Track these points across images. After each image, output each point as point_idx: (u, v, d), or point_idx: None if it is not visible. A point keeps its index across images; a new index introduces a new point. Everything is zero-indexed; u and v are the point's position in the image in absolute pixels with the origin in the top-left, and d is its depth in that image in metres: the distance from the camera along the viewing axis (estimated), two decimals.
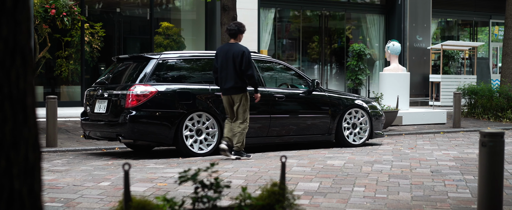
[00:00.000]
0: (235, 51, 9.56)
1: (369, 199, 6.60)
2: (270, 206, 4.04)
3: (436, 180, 7.79)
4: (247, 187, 7.20)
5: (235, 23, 9.85)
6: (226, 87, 9.59)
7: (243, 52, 9.52)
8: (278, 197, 4.07)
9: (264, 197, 4.09)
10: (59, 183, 7.38)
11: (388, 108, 14.77)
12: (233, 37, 9.79)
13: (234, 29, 9.77)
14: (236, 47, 9.63)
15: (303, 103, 11.13)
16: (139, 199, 3.75)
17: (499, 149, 5.02)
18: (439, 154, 10.43)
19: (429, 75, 22.23)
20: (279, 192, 4.10)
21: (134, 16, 20.66)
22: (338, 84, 23.13)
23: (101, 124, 10.06)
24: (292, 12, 22.82)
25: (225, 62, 9.57)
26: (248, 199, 4.03)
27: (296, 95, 11.09)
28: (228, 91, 9.60)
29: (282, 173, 4.21)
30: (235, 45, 9.67)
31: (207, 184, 4.05)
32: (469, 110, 18.28)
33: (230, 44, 9.76)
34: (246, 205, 3.98)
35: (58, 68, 18.58)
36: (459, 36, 26.90)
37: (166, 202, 3.88)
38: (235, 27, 9.78)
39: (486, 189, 5.04)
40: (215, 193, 4.06)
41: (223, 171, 8.37)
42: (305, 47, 23.29)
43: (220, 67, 9.63)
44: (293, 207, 4.10)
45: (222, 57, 9.63)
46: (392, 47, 16.46)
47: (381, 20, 23.58)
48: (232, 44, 9.73)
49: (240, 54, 9.50)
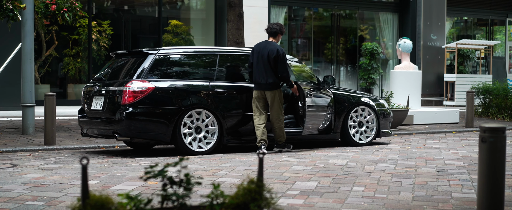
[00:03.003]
0: (271, 49, 9.91)
1: (367, 199, 6.26)
2: (245, 205, 3.72)
3: (441, 179, 7.44)
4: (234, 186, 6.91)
5: (277, 24, 10.28)
6: (260, 82, 9.91)
7: (278, 51, 9.88)
8: (254, 195, 3.74)
9: (239, 195, 3.77)
10: (45, 181, 7.10)
11: (398, 106, 14.38)
12: (272, 36, 10.22)
13: (275, 28, 10.22)
14: (272, 46, 9.98)
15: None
16: (99, 196, 3.44)
17: (501, 145, 4.67)
18: (447, 153, 10.06)
19: (444, 74, 21.80)
20: (255, 190, 3.77)
21: (143, 14, 20.41)
22: (351, 83, 22.75)
23: (98, 121, 9.77)
24: (303, 10, 22.48)
25: (260, 58, 9.93)
26: (220, 197, 3.71)
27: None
28: (261, 86, 9.92)
29: (260, 169, 3.89)
30: (271, 44, 10.02)
31: (176, 180, 3.74)
32: (483, 110, 17.84)
33: (268, 42, 10.11)
34: (218, 204, 3.66)
35: (65, 66, 18.37)
36: (475, 35, 26.41)
37: (129, 200, 3.58)
38: (277, 27, 10.22)
39: (486, 188, 4.69)
40: (186, 191, 3.75)
41: (219, 169, 8.07)
42: (317, 46, 22.94)
43: (255, 62, 9.96)
44: (270, 206, 3.77)
45: (257, 53, 9.97)
46: (404, 44, 16.07)
47: (394, 18, 23.17)
48: (269, 42, 10.09)
49: (274, 54, 9.87)
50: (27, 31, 12.08)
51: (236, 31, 13.82)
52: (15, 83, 14.25)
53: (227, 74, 10.27)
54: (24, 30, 12.08)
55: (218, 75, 10.11)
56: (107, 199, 3.45)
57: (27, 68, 12.12)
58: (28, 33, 12.09)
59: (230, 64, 10.43)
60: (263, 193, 3.78)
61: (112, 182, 7.06)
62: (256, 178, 3.86)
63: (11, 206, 5.81)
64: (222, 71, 10.20)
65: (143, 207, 3.59)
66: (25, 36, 12.10)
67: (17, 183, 6.96)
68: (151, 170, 3.69)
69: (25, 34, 12.10)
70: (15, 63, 13.93)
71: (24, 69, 12.15)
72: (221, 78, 10.13)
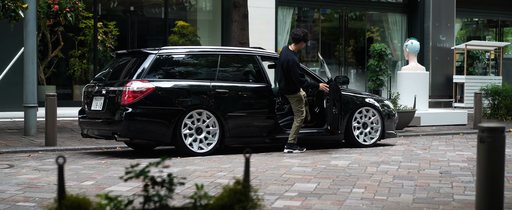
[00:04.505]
0: (284, 57, 10.16)
1: (366, 201, 6.12)
2: (229, 207, 3.58)
3: (443, 181, 7.28)
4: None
5: (303, 31, 10.29)
6: (280, 86, 10.28)
7: (288, 62, 10.04)
8: (239, 197, 3.61)
9: (224, 197, 3.64)
10: (40, 182, 6.99)
11: (405, 108, 14.20)
12: (295, 42, 10.30)
13: (299, 35, 10.25)
14: (287, 53, 10.19)
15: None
16: (75, 197, 3.32)
17: (499, 146, 4.51)
18: (452, 155, 9.89)
19: (453, 76, 21.58)
20: (241, 191, 3.64)
21: (149, 15, 20.31)
22: (359, 85, 22.57)
23: (98, 121, 9.65)
24: (312, 12, 22.33)
25: (279, 65, 10.23)
26: (204, 198, 3.58)
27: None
28: (281, 90, 10.28)
29: (246, 169, 3.76)
30: (288, 51, 10.22)
31: (158, 181, 3.61)
32: (492, 111, 17.63)
33: (286, 48, 10.30)
34: (202, 206, 3.53)
35: (71, 67, 18.30)
36: (485, 36, 26.16)
37: (109, 201, 3.45)
38: (301, 34, 10.24)
39: (485, 190, 4.53)
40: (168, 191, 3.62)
41: (218, 170, 7.94)
42: (325, 47, 22.77)
43: (278, 67, 10.34)
44: (257, 207, 3.64)
45: (279, 59, 10.32)
46: (411, 45, 15.89)
47: (403, 19, 22.97)
48: (288, 49, 10.26)
49: (286, 64, 10.07)
50: (30, 32, 11.99)
51: (241, 32, 13.70)
52: (20, 84, 14.18)
53: (229, 75, 10.13)
54: (27, 30, 12.00)
55: (220, 76, 9.96)
56: (84, 200, 3.33)
57: (29, 69, 12.04)
58: (31, 34, 12.01)
59: (232, 65, 10.29)
60: (249, 194, 3.65)
61: (107, 183, 6.94)
62: (242, 179, 3.73)
63: (1, 207, 5.70)
64: (223, 72, 10.06)
65: (123, 208, 3.46)
66: (28, 36, 12.01)
67: (10, 184, 6.85)
68: (132, 170, 3.56)
69: (27, 34, 12.02)
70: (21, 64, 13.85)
71: (26, 70, 12.06)
72: (223, 78, 9.99)
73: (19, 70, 13.99)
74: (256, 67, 10.34)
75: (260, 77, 10.29)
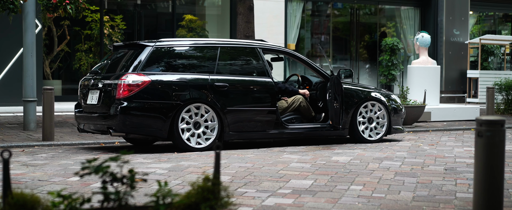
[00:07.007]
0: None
1: (363, 199, 5.79)
2: (195, 205, 3.28)
3: (447, 178, 6.93)
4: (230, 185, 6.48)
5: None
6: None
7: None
8: (206, 195, 3.30)
9: (192, 195, 3.34)
10: (24, 177, 6.73)
11: (415, 102, 13.82)
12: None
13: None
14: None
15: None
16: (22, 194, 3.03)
17: (499, 140, 4.18)
18: (460, 150, 9.53)
19: (467, 71, 21.17)
20: (209, 189, 3.33)
21: (156, 8, 20.03)
22: (370, 80, 22.20)
23: (94, 116, 9.37)
24: (323, 6, 21.97)
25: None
26: (168, 196, 3.27)
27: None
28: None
29: (216, 166, 3.45)
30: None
31: (118, 177, 3.31)
32: (506, 106, 17.19)
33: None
34: (164, 204, 3.23)
35: (77, 61, 18.08)
36: (501, 31, 25.67)
37: (62, 199, 3.16)
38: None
39: (483, 187, 4.20)
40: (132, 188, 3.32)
41: (212, 166, 7.62)
42: (336, 42, 22.42)
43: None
44: (226, 206, 3.33)
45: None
46: (421, 39, 15.49)
47: (416, 13, 22.56)
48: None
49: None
50: (29, 24, 11.75)
51: (246, 25, 13.39)
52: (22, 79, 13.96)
53: (229, 68, 9.81)
54: (26, 23, 11.76)
55: (219, 69, 9.64)
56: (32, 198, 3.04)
57: (28, 62, 11.80)
58: (30, 26, 11.77)
59: (232, 57, 9.95)
60: (218, 192, 3.34)
61: (94, 179, 6.65)
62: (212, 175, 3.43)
63: None
64: (223, 65, 9.73)
65: (78, 207, 3.17)
66: (27, 29, 11.77)
67: None
68: (89, 165, 3.26)
69: (26, 27, 11.78)
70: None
71: (26, 63, 11.83)
72: (222, 71, 9.66)
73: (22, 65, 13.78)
74: (257, 60, 10.01)
75: (261, 70, 9.96)
